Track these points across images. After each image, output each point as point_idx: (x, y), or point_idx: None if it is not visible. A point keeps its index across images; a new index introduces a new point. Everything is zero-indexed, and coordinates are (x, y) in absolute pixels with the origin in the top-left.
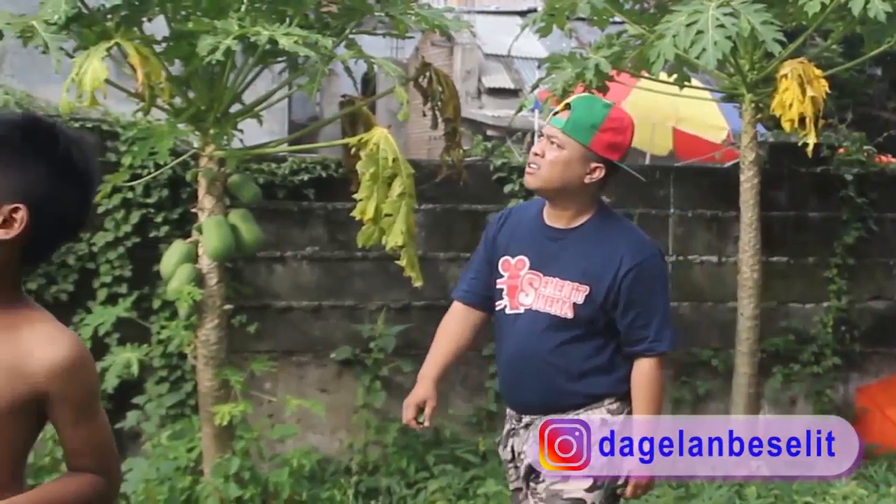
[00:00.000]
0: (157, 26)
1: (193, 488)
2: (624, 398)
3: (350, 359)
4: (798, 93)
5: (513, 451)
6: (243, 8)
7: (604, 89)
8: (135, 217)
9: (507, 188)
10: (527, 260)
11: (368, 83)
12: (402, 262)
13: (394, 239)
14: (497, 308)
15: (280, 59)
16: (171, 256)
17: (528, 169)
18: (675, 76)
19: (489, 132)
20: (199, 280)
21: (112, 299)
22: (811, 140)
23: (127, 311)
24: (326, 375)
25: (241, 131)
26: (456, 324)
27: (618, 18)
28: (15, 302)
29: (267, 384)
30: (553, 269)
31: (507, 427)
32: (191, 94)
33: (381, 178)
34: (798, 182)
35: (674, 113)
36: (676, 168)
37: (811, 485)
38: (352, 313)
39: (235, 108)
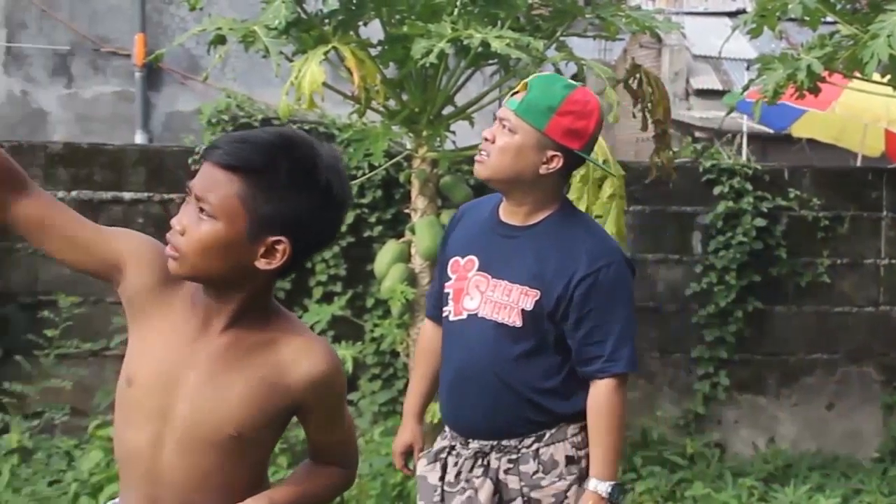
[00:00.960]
0: (373, 30)
1: (404, 484)
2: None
3: None
4: None
5: (444, 469)
6: (456, 11)
7: (815, 90)
8: (349, 217)
9: (717, 190)
10: (476, 260)
11: None
12: None
13: None
14: (443, 315)
15: (492, 61)
16: (385, 256)
17: (477, 157)
18: (888, 77)
19: (697, 134)
20: (411, 279)
21: (327, 298)
22: None
23: (342, 309)
24: None
25: (454, 133)
26: (428, 347)
27: (830, 18)
28: (270, 318)
29: None
30: (502, 270)
31: (440, 444)
32: (404, 97)
33: (591, 179)
34: None
35: (886, 114)
36: (889, 170)
37: None
38: None
39: (448, 110)
